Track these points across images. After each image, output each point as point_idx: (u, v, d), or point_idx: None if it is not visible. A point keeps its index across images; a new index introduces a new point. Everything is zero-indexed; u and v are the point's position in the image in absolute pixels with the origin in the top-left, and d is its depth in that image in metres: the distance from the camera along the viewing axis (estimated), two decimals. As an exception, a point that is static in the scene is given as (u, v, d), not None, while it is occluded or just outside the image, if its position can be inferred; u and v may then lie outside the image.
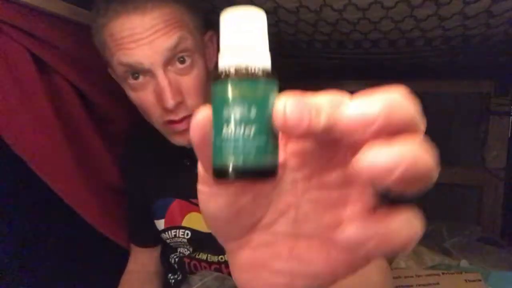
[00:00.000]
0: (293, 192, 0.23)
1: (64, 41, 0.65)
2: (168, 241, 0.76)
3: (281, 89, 0.22)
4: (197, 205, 0.68)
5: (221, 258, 0.72)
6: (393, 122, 0.17)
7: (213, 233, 0.26)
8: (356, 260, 0.21)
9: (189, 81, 0.56)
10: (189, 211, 0.72)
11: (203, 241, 0.72)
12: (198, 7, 0.58)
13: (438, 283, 0.56)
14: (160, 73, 0.53)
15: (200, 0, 0.60)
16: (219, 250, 0.71)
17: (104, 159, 0.80)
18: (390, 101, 0.18)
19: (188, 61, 0.55)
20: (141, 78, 0.56)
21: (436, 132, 1.44)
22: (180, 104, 0.56)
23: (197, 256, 0.75)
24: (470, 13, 0.74)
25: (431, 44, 0.95)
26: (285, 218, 0.24)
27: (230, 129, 0.19)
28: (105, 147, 0.80)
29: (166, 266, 0.83)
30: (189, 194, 0.72)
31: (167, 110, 0.56)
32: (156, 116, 0.58)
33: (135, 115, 0.86)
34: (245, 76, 0.19)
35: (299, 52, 1.10)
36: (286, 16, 0.81)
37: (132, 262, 0.83)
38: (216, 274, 0.69)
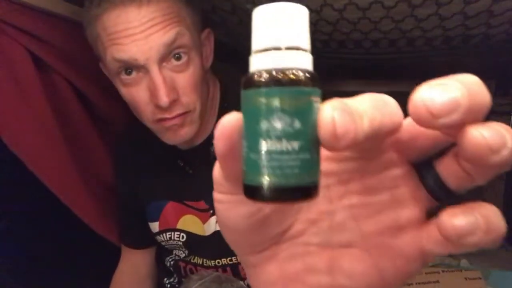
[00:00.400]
0: (326, 199, 0.21)
1: (64, 41, 0.65)
2: (163, 243, 0.75)
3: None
4: (191, 207, 0.69)
5: (218, 262, 0.70)
6: (475, 107, 0.16)
7: (232, 246, 0.24)
8: (411, 265, 0.20)
9: (185, 78, 0.54)
10: (184, 214, 0.70)
11: (199, 245, 0.71)
12: (196, 3, 0.57)
13: (437, 281, 0.56)
14: (154, 70, 0.51)
15: (199, -1, 0.60)
16: (216, 254, 0.70)
17: (103, 159, 0.80)
18: (470, 83, 0.16)
19: (184, 58, 0.53)
20: (134, 74, 0.53)
21: (436, 132, 1.42)
22: (174, 102, 0.53)
23: (192, 260, 0.74)
24: (471, 12, 0.74)
25: (432, 44, 0.95)
26: (317, 227, 0.21)
27: (270, 144, 0.16)
28: (104, 147, 0.80)
29: (161, 269, 0.82)
30: (183, 196, 0.70)
31: (160, 108, 0.53)
32: (147, 114, 0.56)
33: (133, 115, 0.87)
34: (288, 83, 0.16)
35: (299, 52, 1.10)
36: (286, 16, 0.81)
37: (123, 263, 0.81)
38: (215, 274, 0.68)
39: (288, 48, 0.17)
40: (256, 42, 0.18)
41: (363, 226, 0.21)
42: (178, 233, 0.71)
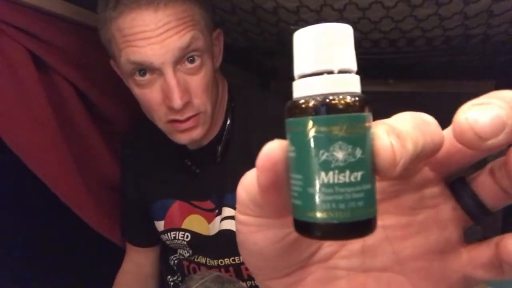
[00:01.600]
0: None
1: (65, 41, 0.65)
2: (167, 242, 0.75)
3: (282, 89, 0.20)
4: (198, 207, 0.69)
5: (221, 262, 0.70)
6: None
7: (253, 270, 0.21)
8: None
9: (198, 81, 0.55)
10: (190, 213, 0.70)
11: (203, 244, 0.71)
12: (209, 4, 0.57)
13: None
14: (169, 73, 0.52)
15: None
16: (219, 254, 0.70)
17: (103, 159, 0.80)
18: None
19: (197, 61, 0.54)
20: (148, 75, 0.54)
21: (436, 132, 1.42)
22: (186, 104, 0.54)
23: (196, 260, 0.74)
24: (471, 12, 0.74)
25: (432, 44, 0.95)
26: (347, 250, 0.20)
27: (332, 176, 0.14)
28: (104, 147, 0.80)
29: (165, 267, 0.82)
30: (190, 196, 0.70)
31: (172, 110, 0.54)
32: (160, 114, 0.56)
33: (135, 115, 0.87)
34: (347, 109, 0.15)
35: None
36: (286, 16, 0.81)
37: (127, 262, 0.81)
38: (216, 274, 0.68)
39: (341, 72, 0.16)
40: (302, 65, 0.16)
41: (399, 249, 0.19)
42: (183, 232, 0.71)
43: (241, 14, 0.83)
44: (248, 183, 0.18)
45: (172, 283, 0.81)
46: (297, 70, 0.16)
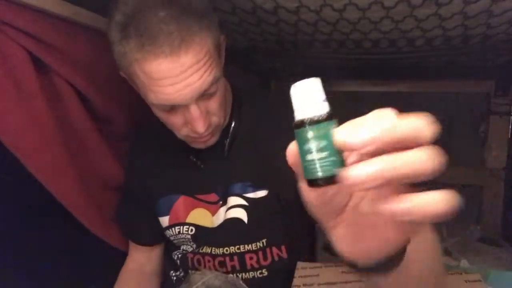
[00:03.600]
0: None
1: (63, 42, 0.65)
2: (171, 238, 0.76)
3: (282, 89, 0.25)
4: (202, 200, 0.71)
5: (226, 251, 0.71)
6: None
7: (316, 217, 0.34)
8: (405, 227, 0.30)
9: (215, 102, 0.59)
10: (194, 207, 0.72)
11: (207, 236, 0.72)
12: (215, 19, 0.58)
13: (438, 283, 0.56)
14: (193, 106, 0.56)
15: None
16: (224, 243, 0.71)
17: (101, 159, 0.80)
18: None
19: (214, 88, 0.58)
20: (172, 106, 0.57)
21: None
22: (208, 125, 0.59)
23: (201, 251, 0.74)
24: (471, 13, 0.74)
25: (431, 44, 0.95)
26: (364, 201, 0.31)
27: (311, 156, 0.28)
28: (103, 148, 0.80)
29: (168, 262, 0.83)
30: (195, 190, 0.72)
31: (195, 131, 0.59)
32: (181, 133, 0.61)
33: (134, 115, 0.87)
34: (315, 123, 0.28)
35: (299, 52, 1.10)
36: (286, 16, 0.81)
37: (130, 261, 0.82)
38: (216, 273, 0.69)
39: (315, 104, 0.29)
40: (298, 104, 0.29)
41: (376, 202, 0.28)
42: (187, 226, 0.73)
43: (241, 14, 0.83)
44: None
45: (175, 278, 0.82)
46: (296, 112, 0.29)
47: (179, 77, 0.52)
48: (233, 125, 0.68)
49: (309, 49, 1.07)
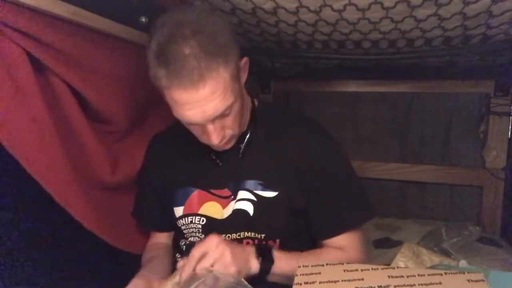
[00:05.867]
0: None
1: (62, 42, 0.64)
2: (183, 227, 0.81)
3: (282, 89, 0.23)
4: (216, 195, 0.79)
5: (228, 237, 0.76)
6: None
7: None
8: None
9: (230, 120, 0.68)
10: (208, 200, 0.80)
11: (215, 226, 0.78)
12: (234, 56, 0.65)
13: (440, 283, 0.56)
14: (210, 127, 0.66)
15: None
16: (227, 230, 0.77)
17: (99, 159, 0.80)
18: None
19: (228, 111, 0.66)
20: None
21: (436, 132, 1.45)
22: (222, 138, 0.68)
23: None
24: (470, 13, 0.74)
25: (431, 44, 0.95)
26: None
27: None
28: (102, 148, 0.80)
29: (175, 248, 0.87)
30: (210, 185, 0.79)
31: (210, 143, 0.69)
32: (200, 139, 0.71)
33: (133, 115, 0.87)
34: None
35: (299, 52, 1.11)
36: (286, 16, 0.81)
37: (152, 239, 0.92)
38: (217, 271, 0.69)
39: None
40: None
41: None
42: (199, 217, 0.80)
43: (241, 15, 0.83)
44: None
45: (179, 260, 0.84)
46: None
47: (196, 105, 0.62)
48: (249, 133, 0.77)
49: (309, 49, 1.07)
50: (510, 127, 1.28)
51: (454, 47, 0.96)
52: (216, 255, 0.64)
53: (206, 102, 0.63)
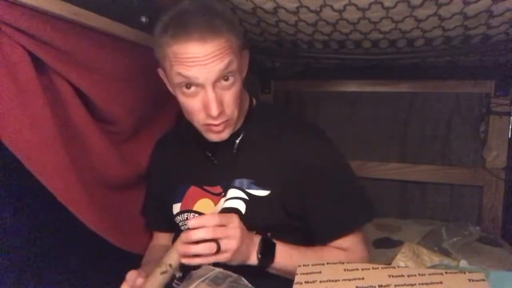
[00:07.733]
0: None
1: (64, 42, 0.64)
2: (180, 223, 0.83)
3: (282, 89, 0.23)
4: (208, 191, 0.81)
5: None
6: None
7: None
8: None
9: (229, 96, 0.69)
10: (201, 197, 0.81)
11: None
12: (241, 30, 0.69)
13: (441, 282, 0.56)
14: (209, 88, 0.66)
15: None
16: None
17: (102, 159, 0.80)
18: None
19: (231, 80, 0.68)
20: (193, 88, 0.68)
21: (436, 132, 1.45)
22: (220, 112, 0.68)
23: None
24: (470, 13, 0.74)
25: (431, 44, 0.96)
26: None
27: None
28: (104, 147, 0.80)
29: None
30: (204, 182, 0.81)
31: (209, 116, 0.69)
32: (199, 119, 0.70)
33: (135, 115, 0.87)
34: None
35: (299, 52, 1.11)
36: (286, 16, 0.81)
37: (154, 241, 0.94)
38: (218, 270, 0.69)
39: None
40: None
41: None
42: (193, 214, 0.81)
43: (241, 14, 0.83)
44: None
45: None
46: None
47: (202, 59, 0.64)
48: (245, 128, 0.79)
49: (309, 49, 1.07)
50: (510, 127, 1.28)
51: (454, 47, 0.96)
52: (228, 233, 0.65)
53: (211, 58, 0.64)
